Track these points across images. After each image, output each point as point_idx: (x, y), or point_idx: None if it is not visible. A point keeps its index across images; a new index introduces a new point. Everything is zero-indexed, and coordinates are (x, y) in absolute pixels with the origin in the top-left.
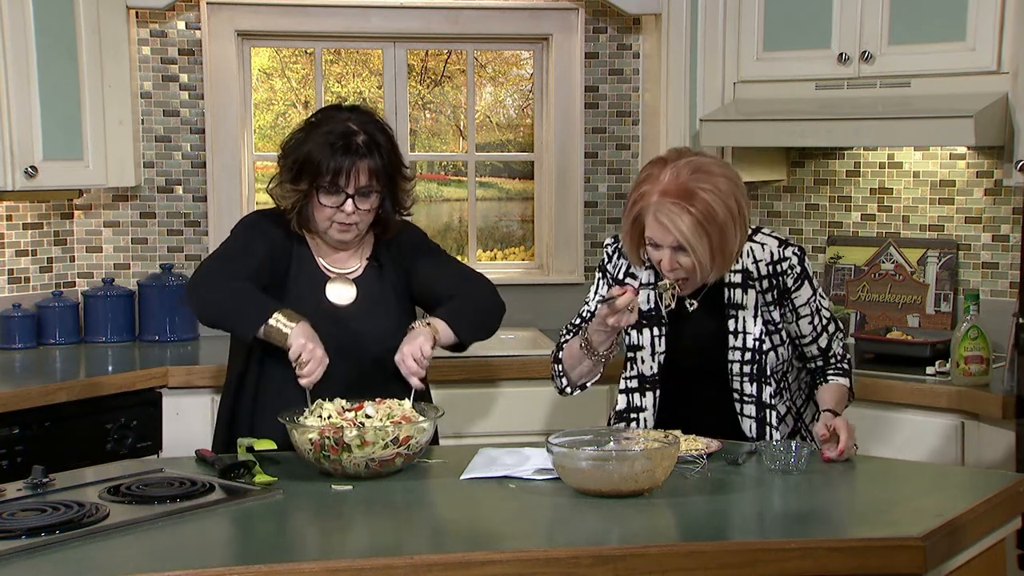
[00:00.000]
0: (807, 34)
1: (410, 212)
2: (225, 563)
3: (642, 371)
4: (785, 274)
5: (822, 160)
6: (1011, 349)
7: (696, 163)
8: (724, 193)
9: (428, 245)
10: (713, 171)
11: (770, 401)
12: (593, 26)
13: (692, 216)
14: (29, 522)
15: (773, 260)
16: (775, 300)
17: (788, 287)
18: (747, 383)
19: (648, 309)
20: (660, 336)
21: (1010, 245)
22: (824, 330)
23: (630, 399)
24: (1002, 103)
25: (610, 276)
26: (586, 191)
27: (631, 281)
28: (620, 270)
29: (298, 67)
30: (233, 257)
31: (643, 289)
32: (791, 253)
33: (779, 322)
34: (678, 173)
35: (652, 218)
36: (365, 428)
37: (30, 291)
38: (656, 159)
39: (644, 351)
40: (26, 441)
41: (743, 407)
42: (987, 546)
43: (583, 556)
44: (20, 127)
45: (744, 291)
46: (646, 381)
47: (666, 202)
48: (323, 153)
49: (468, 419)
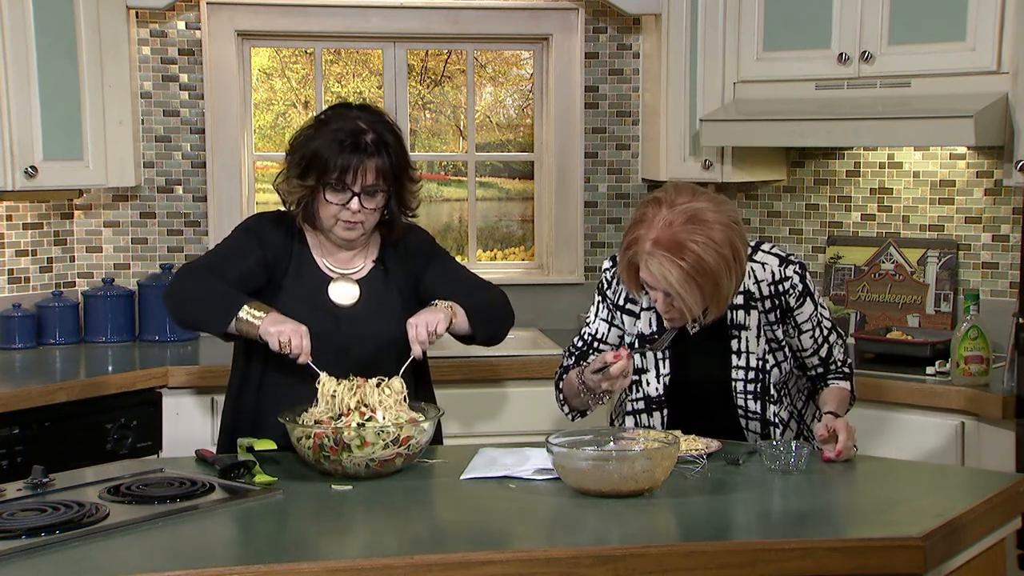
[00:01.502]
0: (807, 34)
1: (416, 213)
2: (225, 563)
3: (648, 392)
4: (787, 294)
5: (822, 160)
6: (1011, 349)
7: (691, 211)
8: (718, 243)
9: (436, 249)
10: (707, 219)
11: (774, 419)
12: (593, 26)
13: (682, 269)
14: (29, 522)
15: (775, 280)
16: (778, 320)
17: (791, 306)
18: (751, 400)
19: (651, 332)
20: (664, 359)
21: (1010, 245)
22: (825, 340)
23: (637, 420)
24: (1002, 103)
25: (610, 302)
26: (586, 191)
27: (631, 307)
28: (620, 296)
29: (298, 67)
30: (216, 262)
31: (644, 313)
32: (792, 272)
33: (782, 339)
34: (671, 221)
35: (644, 265)
36: (365, 428)
37: (30, 291)
38: (652, 198)
39: (649, 374)
40: (26, 441)
41: (748, 423)
42: (987, 546)
43: (583, 556)
44: (20, 127)
45: (747, 312)
46: (652, 402)
47: (657, 253)
48: (331, 150)
49: (468, 419)
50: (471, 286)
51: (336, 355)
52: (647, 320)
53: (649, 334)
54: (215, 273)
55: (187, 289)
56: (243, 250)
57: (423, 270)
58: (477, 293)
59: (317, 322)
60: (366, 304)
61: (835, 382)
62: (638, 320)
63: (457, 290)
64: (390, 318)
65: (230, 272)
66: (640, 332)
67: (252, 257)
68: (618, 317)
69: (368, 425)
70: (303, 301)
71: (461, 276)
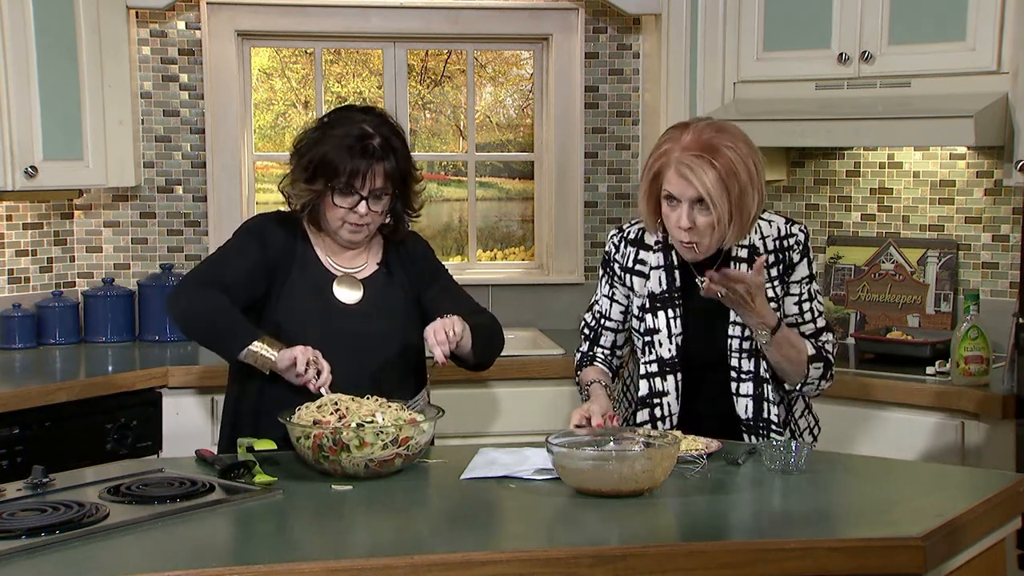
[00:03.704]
0: (807, 34)
1: (419, 214)
2: (225, 563)
3: (660, 355)
4: (791, 249)
5: (822, 160)
6: (1011, 349)
7: (718, 124)
8: (745, 154)
9: (437, 264)
10: (735, 133)
11: (767, 375)
12: (593, 26)
13: (715, 170)
14: (29, 522)
15: (780, 236)
16: (779, 275)
17: (793, 262)
18: (744, 359)
19: (661, 291)
20: (675, 317)
21: (1010, 245)
22: (812, 322)
23: (652, 384)
24: (1002, 103)
25: (618, 265)
26: (586, 191)
27: (641, 267)
28: (629, 258)
29: (298, 67)
30: (218, 268)
31: (654, 272)
32: (798, 230)
33: (780, 297)
34: (700, 132)
35: (674, 172)
36: (364, 429)
37: (30, 291)
38: (676, 125)
39: (661, 334)
40: (26, 441)
41: (739, 386)
42: (987, 546)
43: (583, 556)
44: (20, 127)
45: (750, 266)
46: (666, 365)
47: (688, 155)
48: (340, 155)
49: (468, 419)
50: (470, 309)
51: (341, 354)
52: (657, 279)
53: (660, 292)
54: (219, 283)
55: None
56: (244, 254)
57: (427, 284)
58: (475, 316)
59: (322, 319)
60: (370, 302)
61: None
62: (648, 281)
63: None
64: (394, 315)
65: (232, 278)
66: (651, 291)
67: (253, 261)
68: (627, 281)
69: (367, 426)
70: (308, 299)
71: (462, 298)
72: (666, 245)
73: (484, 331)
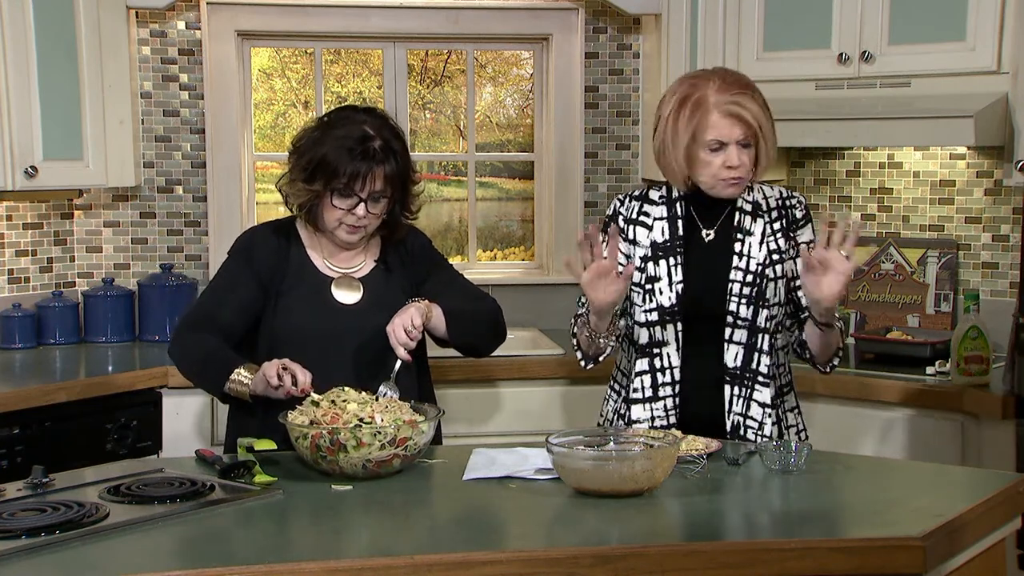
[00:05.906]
0: (807, 34)
1: (416, 216)
2: (225, 563)
3: (660, 302)
4: (793, 208)
5: (822, 160)
6: (1011, 349)
7: (733, 70)
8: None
9: (436, 256)
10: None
11: (764, 325)
12: (593, 26)
13: (757, 101)
14: (29, 522)
15: (782, 196)
16: (783, 229)
17: (796, 218)
18: (743, 305)
19: (664, 240)
20: (677, 265)
21: (1010, 245)
22: None
23: (651, 333)
24: (1002, 103)
25: (623, 218)
26: (586, 191)
27: (644, 218)
28: (633, 211)
29: (298, 67)
30: (210, 308)
31: (657, 222)
32: (799, 198)
33: (784, 250)
34: (723, 74)
35: (718, 116)
36: (362, 429)
37: (30, 291)
38: (680, 81)
39: (661, 282)
40: (26, 441)
41: (733, 332)
42: (987, 546)
43: (583, 556)
44: (20, 127)
45: (753, 219)
46: (666, 313)
47: (730, 94)
48: (340, 157)
49: (468, 419)
50: (466, 296)
51: (340, 353)
52: (660, 228)
53: (663, 241)
54: (212, 323)
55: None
56: (235, 287)
57: (424, 277)
58: (469, 302)
59: (322, 320)
60: (369, 301)
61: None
62: (651, 232)
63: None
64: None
65: (227, 317)
66: (653, 240)
67: (245, 289)
68: (630, 233)
69: (365, 426)
70: (307, 302)
71: (458, 286)
72: (670, 199)
73: (468, 315)
